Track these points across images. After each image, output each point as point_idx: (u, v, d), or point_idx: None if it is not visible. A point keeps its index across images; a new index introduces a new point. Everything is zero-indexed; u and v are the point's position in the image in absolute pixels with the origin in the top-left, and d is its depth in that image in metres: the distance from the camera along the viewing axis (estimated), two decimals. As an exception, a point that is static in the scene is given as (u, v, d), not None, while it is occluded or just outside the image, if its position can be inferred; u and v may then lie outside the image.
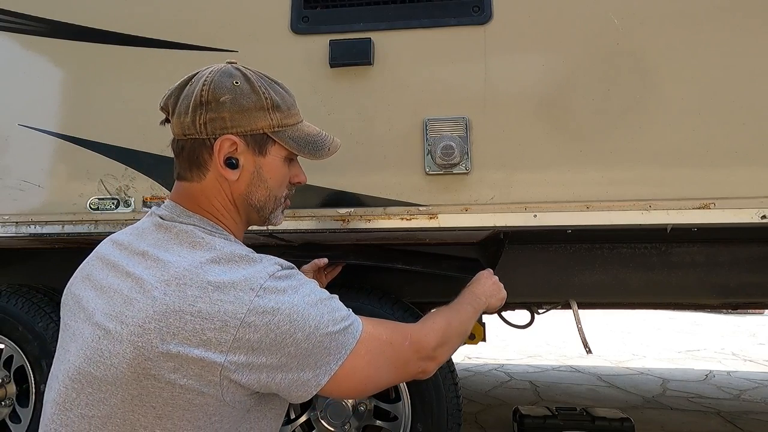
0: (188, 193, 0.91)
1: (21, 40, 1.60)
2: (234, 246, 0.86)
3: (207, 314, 0.74)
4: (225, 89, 0.86)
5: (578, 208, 1.30)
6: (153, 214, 0.91)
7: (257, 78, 0.90)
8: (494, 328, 2.61)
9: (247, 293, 0.76)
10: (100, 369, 0.73)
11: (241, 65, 0.92)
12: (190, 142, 0.88)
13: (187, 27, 1.50)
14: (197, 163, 0.89)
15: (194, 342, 0.72)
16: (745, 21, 1.29)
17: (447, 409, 1.46)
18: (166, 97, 0.93)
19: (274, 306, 0.77)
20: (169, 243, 0.83)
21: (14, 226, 1.54)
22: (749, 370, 3.98)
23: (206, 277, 0.76)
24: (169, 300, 0.74)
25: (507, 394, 3.16)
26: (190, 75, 0.91)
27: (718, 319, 7.35)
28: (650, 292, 1.59)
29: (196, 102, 0.86)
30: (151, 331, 0.72)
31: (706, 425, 2.58)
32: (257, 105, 0.88)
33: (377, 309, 1.50)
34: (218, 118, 0.86)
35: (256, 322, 0.75)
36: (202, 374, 0.73)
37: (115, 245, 0.88)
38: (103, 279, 0.83)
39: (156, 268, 0.78)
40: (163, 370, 0.72)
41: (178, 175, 0.92)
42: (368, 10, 1.44)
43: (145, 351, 0.72)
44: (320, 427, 1.54)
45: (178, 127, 0.89)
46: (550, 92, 1.34)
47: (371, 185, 1.39)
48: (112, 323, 0.75)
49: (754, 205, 1.25)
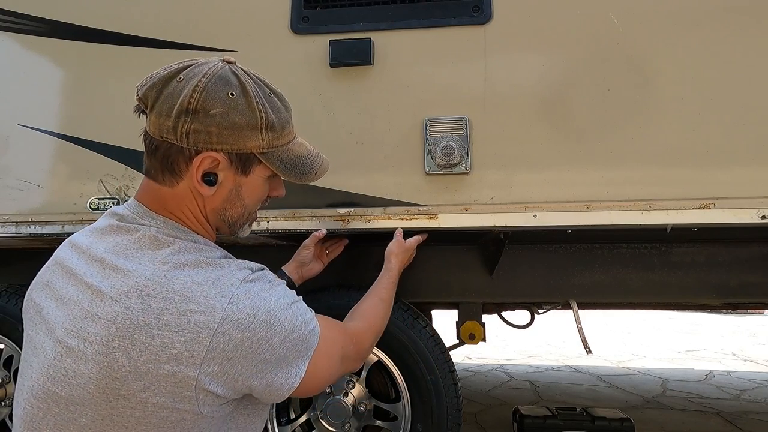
0: (156, 195, 0.83)
1: (21, 40, 1.60)
2: (200, 248, 0.80)
3: (176, 326, 0.69)
4: (218, 101, 0.77)
5: (578, 208, 1.30)
6: (113, 214, 0.84)
7: (255, 90, 0.82)
8: (494, 328, 2.61)
9: (218, 301, 0.72)
10: (65, 389, 0.69)
11: (240, 67, 0.83)
12: (166, 144, 0.78)
13: (187, 27, 1.50)
14: (171, 169, 0.80)
15: (164, 357, 0.68)
16: (745, 21, 1.29)
17: (447, 409, 1.46)
18: (146, 87, 0.80)
19: (249, 312, 0.73)
20: (128, 248, 0.77)
21: (14, 226, 1.54)
22: (749, 370, 3.97)
23: (171, 285, 0.71)
24: (132, 314, 0.69)
25: (507, 394, 3.16)
26: (178, 67, 0.80)
27: (718, 319, 7.35)
28: (650, 292, 1.59)
29: (182, 107, 0.76)
30: (117, 349, 0.68)
31: (706, 425, 2.58)
32: (250, 123, 0.80)
33: (377, 309, 1.50)
34: (204, 132, 0.77)
35: (230, 331, 0.71)
36: (176, 390, 0.69)
37: (73, 249, 0.81)
38: (62, 288, 0.77)
39: (115, 278, 0.72)
40: (133, 390, 0.68)
41: (147, 172, 0.83)
42: (368, 10, 1.44)
43: (112, 371, 0.67)
44: (320, 427, 1.54)
45: (155, 126, 0.78)
46: (550, 92, 1.34)
47: (371, 185, 1.39)
48: (74, 340, 0.70)
49: (754, 205, 1.25)
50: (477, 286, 1.65)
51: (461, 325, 1.74)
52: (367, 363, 1.54)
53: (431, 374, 1.47)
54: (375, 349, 1.51)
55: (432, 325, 1.56)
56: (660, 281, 1.58)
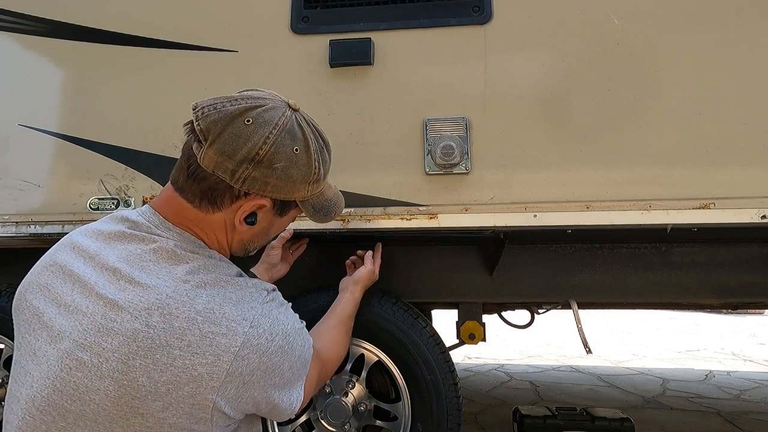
0: (182, 210, 0.81)
1: (21, 40, 1.60)
2: (217, 265, 0.80)
3: (198, 348, 0.69)
4: (283, 156, 0.78)
5: (578, 208, 1.30)
6: (123, 220, 0.82)
7: (315, 145, 0.83)
8: (494, 328, 2.61)
9: (240, 324, 0.72)
10: (76, 404, 0.67)
11: (303, 116, 0.83)
12: (215, 179, 0.78)
13: (187, 27, 1.50)
14: (212, 201, 0.80)
15: (184, 379, 0.68)
16: (745, 21, 1.29)
17: (447, 409, 1.46)
18: (210, 119, 0.76)
19: (268, 337, 0.75)
20: (144, 259, 0.75)
21: (14, 226, 1.54)
22: (749, 370, 3.97)
23: (194, 305, 0.70)
24: (154, 333, 0.68)
25: (507, 394, 3.16)
26: (245, 105, 0.77)
27: (718, 319, 7.34)
28: (650, 292, 1.59)
29: (248, 156, 0.75)
30: (137, 368, 0.67)
31: (706, 425, 2.58)
32: (304, 178, 0.83)
33: (377, 309, 1.50)
34: (261, 180, 0.78)
35: (249, 356, 0.72)
36: (193, 412, 0.69)
37: (77, 252, 0.78)
38: (65, 294, 0.73)
39: (133, 292, 0.71)
40: (152, 409, 0.67)
41: (182, 191, 0.81)
42: (368, 10, 1.44)
43: (132, 389, 0.67)
44: (320, 427, 1.54)
45: (210, 161, 0.76)
46: (550, 92, 1.34)
47: (371, 185, 1.39)
48: (86, 354, 0.68)
49: (754, 205, 1.25)
50: (477, 286, 1.65)
51: (461, 325, 1.74)
52: (367, 363, 1.54)
53: (431, 374, 1.47)
54: (375, 348, 1.52)
55: (432, 325, 1.55)
56: (660, 281, 1.58)
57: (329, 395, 1.53)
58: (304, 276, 1.41)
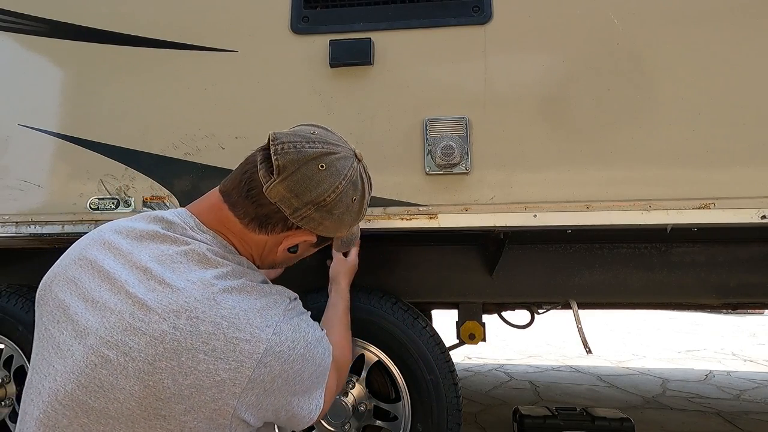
0: (226, 221, 0.83)
1: (21, 40, 1.60)
2: (245, 272, 0.82)
3: (222, 353, 0.69)
4: (343, 205, 0.84)
5: (578, 208, 1.30)
6: (159, 220, 0.83)
7: (368, 195, 0.90)
8: (494, 328, 2.61)
9: (263, 331, 0.73)
10: (99, 401, 0.68)
11: (363, 166, 0.88)
12: (274, 208, 0.81)
13: (187, 27, 1.50)
14: (263, 225, 0.83)
15: (207, 383, 0.68)
16: (745, 21, 1.29)
17: (447, 409, 1.46)
18: (288, 157, 0.79)
19: (290, 345, 0.76)
20: (175, 261, 0.76)
21: (14, 226, 1.54)
22: (749, 370, 3.97)
23: (220, 310, 0.71)
24: (180, 336, 0.68)
25: (507, 394, 3.16)
26: (321, 149, 0.81)
27: (718, 319, 7.35)
28: (650, 292, 1.59)
29: (315, 200, 0.80)
30: (163, 370, 0.67)
31: (706, 425, 2.58)
32: (351, 222, 0.89)
33: (377, 309, 1.50)
34: (317, 220, 0.84)
35: (271, 363, 0.73)
36: (213, 417, 0.69)
37: (108, 249, 0.78)
38: (94, 290, 0.74)
39: (162, 293, 0.71)
40: (175, 412, 0.68)
41: (233, 206, 0.83)
42: (368, 10, 1.44)
43: (157, 391, 0.67)
44: (320, 427, 1.54)
45: (276, 194, 0.80)
46: (550, 92, 1.34)
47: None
48: (112, 352, 0.68)
49: (754, 205, 1.25)
50: (477, 286, 1.65)
51: (461, 325, 1.74)
52: (367, 363, 1.54)
53: (431, 374, 1.47)
54: (375, 348, 1.52)
55: (432, 325, 1.55)
56: (660, 281, 1.58)
57: (329, 395, 1.53)
58: (304, 277, 1.40)
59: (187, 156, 1.47)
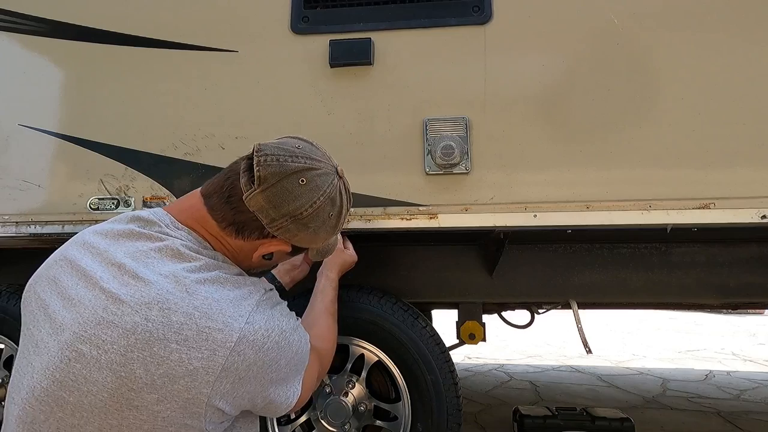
0: (204, 222, 0.85)
1: (21, 40, 1.60)
2: (219, 265, 0.83)
3: (194, 342, 0.70)
4: (319, 220, 0.86)
5: (578, 208, 1.30)
6: (135, 219, 0.84)
7: (345, 211, 0.91)
8: (494, 328, 2.61)
9: (236, 320, 0.74)
10: (74, 395, 0.68)
11: (344, 184, 0.91)
12: (252, 217, 0.83)
13: (187, 27, 1.50)
14: (239, 230, 0.85)
15: (180, 372, 0.69)
16: (745, 21, 1.29)
17: (447, 409, 1.46)
18: (270, 169, 0.81)
19: (264, 333, 0.76)
20: (149, 256, 0.77)
21: (14, 226, 1.54)
22: (749, 370, 3.97)
23: (192, 301, 0.72)
24: (152, 326, 0.69)
25: (507, 394, 3.16)
26: (303, 164, 0.83)
27: (718, 319, 7.35)
28: (650, 292, 1.59)
29: (292, 213, 0.82)
30: (135, 360, 0.68)
31: (706, 425, 2.58)
32: (327, 235, 0.91)
33: (377, 309, 1.50)
34: (293, 232, 0.85)
35: (246, 351, 0.73)
36: (187, 406, 0.70)
37: (86, 248, 0.80)
38: (71, 288, 0.75)
39: (135, 287, 0.72)
40: (147, 402, 0.68)
41: (212, 207, 0.85)
42: (368, 10, 1.44)
43: (129, 381, 0.68)
44: (320, 427, 1.54)
45: (255, 203, 0.82)
46: (550, 92, 1.34)
47: (371, 185, 1.39)
48: (85, 346, 0.69)
49: (754, 205, 1.25)
50: (477, 286, 1.65)
51: (461, 325, 1.74)
52: (367, 363, 1.54)
53: (431, 374, 1.47)
54: (375, 348, 1.52)
55: (432, 325, 1.55)
56: (660, 281, 1.58)
57: (329, 395, 1.53)
58: (304, 277, 1.40)
59: (187, 156, 1.47)
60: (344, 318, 1.47)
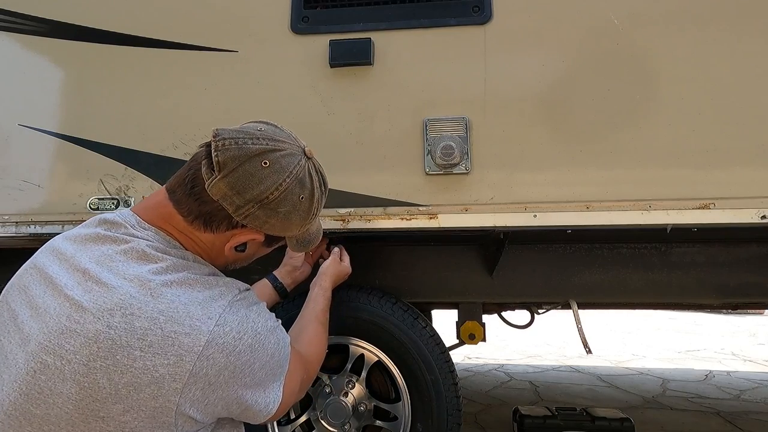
0: (171, 219, 0.81)
1: (21, 40, 1.60)
2: (189, 265, 0.79)
3: (159, 348, 0.67)
4: (289, 203, 0.81)
5: (578, 208, 1.30)
6: (101, 222, 0.82)
7: (318, 193, 0.86)
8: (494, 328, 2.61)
9: (204, 323, 0.70)
10: (41, 408, 0.66)
11: (314, 163, 0.85)
12: (217, 206, 0.79)
13: (187, 27, 1.50)
14: (207, 223, 0.81)
15: (145, 380, 0.66)
16: (745, 21, 1.29)
17: (447, 409, 1.46)
18: (229, 153, 0.77)
19: (235, 336, 0.73)
20: (114, 259, 0.74)
21: (14, 226, 1.54)
22: (749, 370, 3.97)
23: (157, 305, 0.69)
24: (115, 334, 0.66)
25: (507, 394, 3.16)
26: (265, 146, 0.79)
27: (718, 319, 7.34)
28: (650, 292, 1.59)
29: (257, 197, 0.78)
30: (98, 370, 0.65)
31: (706, 425, 2.58)
32: (301, 222, 0.86)
33: (377, 309, 1.50)
34: (263, 219, 0.81)
35: (214, 355, 0.70)
36: (155, 415, 0.67)
37: (54, 255, 0.77)
38: (38, 296, 0.72)
39: (98, 293, 0.69)
40: (113, 413, 0.66)
41: (177, 201, 0.82)
42: (368, 10, 1.44)
43: (93, 392, 0.65)
44: (320, 427, 1.54)
45: (218, 191, 0.78)
46: (550, 92, 1.34)
47: (371, 185, 1.39)
48: (50, 357, 0.66)
49: (754, 205, 1.24)
50: (477, 286, 1.65)
51: (461, 325, 1.74)
52: (367, 363, 1.53)
53: (431, 374, 1.47)
54: (375, 349, 1.52)
55: (432, 325, 1.55)
56: (660, 281, 1.58)
57: (329, 395, 1.53)
58: (306, 278, 1.40)
59: (187, 156, 1.46)
60: (344, 318, 1.47)
